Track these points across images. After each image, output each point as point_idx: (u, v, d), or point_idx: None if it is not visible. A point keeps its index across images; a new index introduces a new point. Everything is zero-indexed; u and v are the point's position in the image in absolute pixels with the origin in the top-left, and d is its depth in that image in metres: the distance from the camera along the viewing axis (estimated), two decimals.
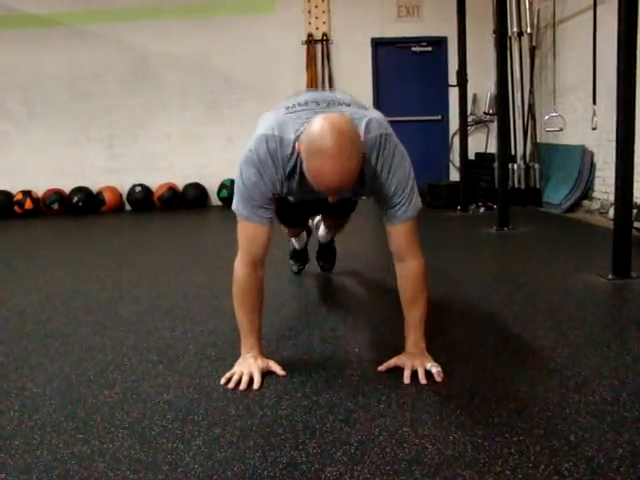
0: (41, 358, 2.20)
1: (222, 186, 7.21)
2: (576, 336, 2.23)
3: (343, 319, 2.57)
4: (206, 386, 1.88)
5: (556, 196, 6.00)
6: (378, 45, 7.35)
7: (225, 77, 7.34)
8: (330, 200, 1.70)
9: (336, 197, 1.69)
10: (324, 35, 7.27)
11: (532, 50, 6.55)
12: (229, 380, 1.88)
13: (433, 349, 1.96)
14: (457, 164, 6.84)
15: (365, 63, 7.32)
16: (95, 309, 2.87)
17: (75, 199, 7.17)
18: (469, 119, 6.66)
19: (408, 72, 7.39)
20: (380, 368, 1.92)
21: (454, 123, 6.96)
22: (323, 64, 7.28)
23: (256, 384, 1.84)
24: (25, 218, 7.06)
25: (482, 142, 7.25)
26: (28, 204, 7.12)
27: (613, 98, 3.04)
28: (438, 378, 1.83)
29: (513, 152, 6.47)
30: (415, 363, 1.87)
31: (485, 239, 4.61)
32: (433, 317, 2.07)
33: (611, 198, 4.97)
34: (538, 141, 6.60)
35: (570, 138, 6.01)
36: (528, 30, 6.48)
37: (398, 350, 1.95)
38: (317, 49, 7.28)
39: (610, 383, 1.79)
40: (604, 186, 5.48)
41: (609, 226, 3.80)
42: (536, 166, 6.35)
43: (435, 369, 1.85)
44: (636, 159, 3.08)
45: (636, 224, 3.95)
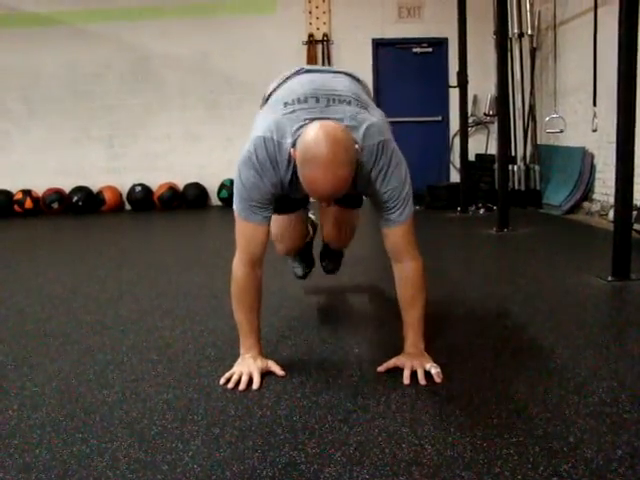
0: (40, 357, 2.20)
1: (222, 186, 7.22)
2: (575, 337, 2.23)
3: (342, 319, 2.57)
4: (205, 386, 1.88)
5: (556, 198, 6.01)
6: (379, 46, 7.36)
7: (225, 77, 7.34)
8: (324, 206, 1.71)
9: (330, 204, 1.69)
10: (325, 35, 7.27)
11: (533, 52, 6.55)
12: (228, 380, 1.87)
13: (432, 350, 1.96)
14: (457, 165, 6.84)
15: (366, 64, 7.32)
16: (95, 308, 2.87)
17: (75, 199, 7.18)
18: (469, 120, 6.67)
19: (409, 73, 7.39)
20: (379, 369, 1.92)
21: (454, 124, 6.96)
22: (324, 64, 7.27)
23: (255, 384, 1.84)
24: (25, 217, 7.06)
25: (482, 143, 7.25)
26: (28, 203, 7.13)
27: (613, 100, 3.04)
28: (437, 379, 1.83)
29: (513, 153, 6.47)
30: (414, 364, 1.86)
31: (485, 240, 4.61)
32: (432, 318, 2.08)
33: (611, 200, 4.97)
34: (538, 142, 6.60)
35: (570, 140, 6.02)
36: (529, 31, 6.49)
37: (397, 351, 1.95)
38: (318, 49, 7.28)
39: (609, 384, 1.79)
40: (604, 188, 5.49)
41: (609, 228, 3.80)
42: (536, 167, 6.35)
43: (434, 370, 1.85)
44: (636, 161, 3.08)
45: (636, 226, 3.95)
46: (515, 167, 6.34)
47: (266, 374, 1.91)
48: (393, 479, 1.33)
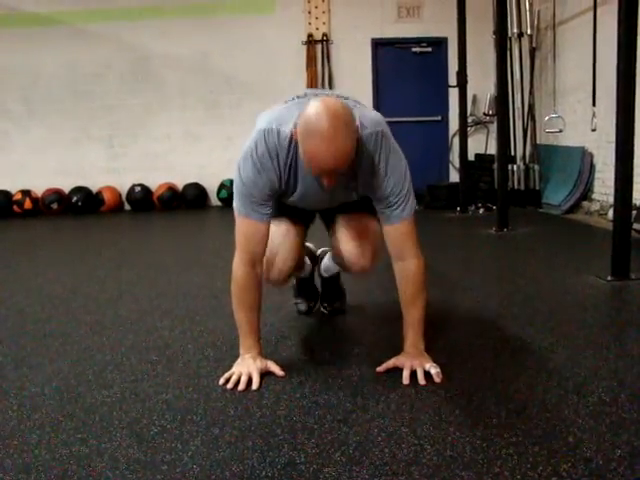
0: (40, 358, 2.20)
1: (222, 186, 7.22)
2: (575, 337, 2.23)
3: (342, 319, 2.57)
4: (205, 386, 1.88)
5: (556, 197, 6.01)
6: (378, 45, 7.35)
7: (225, 77, 7.34)
8: (326, 184, 1.69)
9: (331, 181, 1.68)
10: (324, 35, 7.27)
11: (532, 51, 6.55)
12: (228, 380, 1.87)
13: (432, 350, 1.96)
14: (457, 165, 6.84)
15: (365, 63, 7.32)
16: (94, 309, 2.87)
17: (74, 199, 7.17)
18: (469, 120, 6.67)
19: (408, 73, 7.38)
20: (379, 369, 1.92)
21: (454, 124, 6.96)
22: (323, 64, 7.28)
23: (255, 384, 1.84)
24: (24, 218, 7.05)
25: (482, 143, 7.25)
26: (27, 204, 7.12)
27: (613, 99, 3.04)
28: (437, 379, 1.83)
29: (513, 153, 6.47)
30: (414, 364, 1.86)
31: (484, 240, 4.61)
32: (432, 318, 2.08)
33: (610, 199, 4.97)
34: (538, 142, 6.60)
35: (570, 139, 6.02)
36: (528, 31, 6.48)
37: (397, 351, 1.95)
38: (317, 49, 7.28)
39: (609, 384, 1.79)
40: (603, 187, 5.49)
41: (608, 227, 3.80)
42: (536, 167, 6.36)
43: (434, 370, 1.85)
44: (635, 160, 3.08)
45: (635, 225, 3.95)
46: (514, 167, 6.34)
47: (265, 374, 1.91)
48: (393, 479, 1.33)
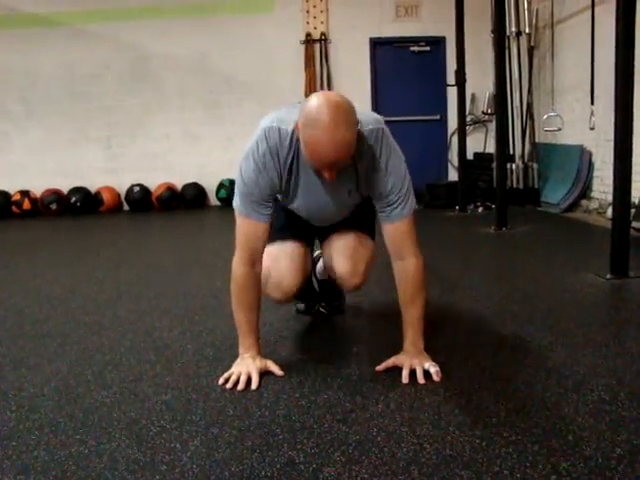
0: (39, 358, 2.19)
1: (221, 186, 7.21)
2: (574, 335, 2.23)
3: (341, 319, 2.56)
4: (204, 386, 1.88)
5: (554, 196, 6.01)
6: (376, 45, 7.35)
7: (224, 77, 7.33)
8: (327, 177, 1.68)
9: (332, 175, 1.68)
10: (322, 35, 7.26)
11: (530, 50, 6.55)
12: (227, 380, 1.87)
13: (431, 349, 1.96)
14: (455, 164, 6.83)
15: (363, 63, 7.32)
16: (93, 309, 2.87)
17: (73, 199, 7.17)
18: (467, 119, 6.66)
19: (406, 72, 7.38)
20: (378, 368, 1.92)
21: (452, 123, 6.96)
22: (321, 64, 7.27)
23: (254, 384, 1.84)
24: (23, 218, 7.05)
25: (480, 142, 7.24)
26: (26, 204, 7.12)
27: (611, 98, 3.04)
28: (436, 378, 1.83)
29: (511, 152, 6.47)
30: (413, 363, 1.86)
31: (483, 239, 4.61)
32: (431, 317, 2.08)
33: (609, 198, 4.97)
34: (536, 141, 6.60)
35: (568, 138, 6.02)
36: (526, 30, 6.48)
37: (396, 350, 1.95)
38: (315, 49, 7.27)
39: (608, 382, 1.79)
40: (602, 186, 5.49)
41: (607, 226, 3.80)
42: (534, 166, 6.36)
43: (433, 369, 1.85)
44: (634, 159, 3.08)
45: (634, 224, 3.95)
46: (513, 165, 6.34)
47: (265, 374, 1.91)
48: (392, 478, 1.33)
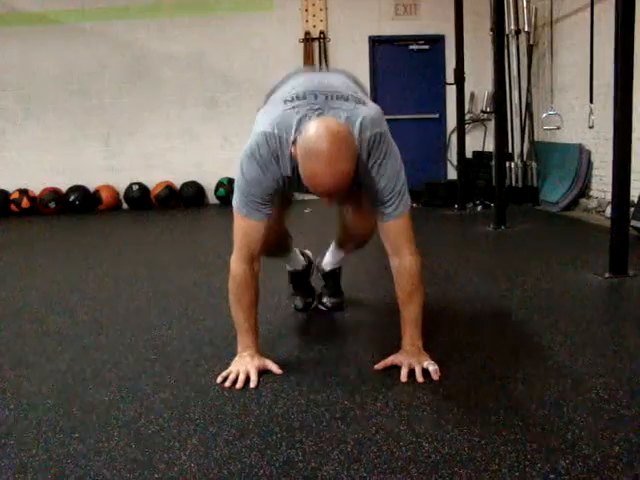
0: (37, 357, 2.19)
1: (219, 184, 7.20)
2: (573, 334, 2.23)
3: (340, 317, 2.56)
4: (202, 385, 1.88)
5: (553, 194, 6.01)
6: (375, 43, 7.34)
7: (223, 75, 7.32)
8: (325, 204, 1.70)
9: (331, 201, 1.69)
10: (321, 33, 7.25)
11: (529, 48, 6.54)
12: (225, 379, 1.87)
13: (430, 347, 1.96)
14: (454, 162, 6.83)
15: (362, 61, 7.30)
16: (92, 307, 2.86)
17: (72, 198, 7.15)
18: (466, 117, 6.65)
19: (405, 70, 7.37)
20: (377, 366, 1.92)
21: (451, 121, 6.95)
22: (320, 62, 7.25)
23: (252, 383, 1.83)
24: (22, 217, 7.03)
25: (479, 140, 7.24)
26: (25, 203, 7.10)
27: (610, 96, 3.04)
28: (435, 376, 1.83)
29: (510, 150, 6.46)
30: (412, 361, 1.86)
31: (482, 237, 4.61)
32: (430, 315, 2.07)
33: (608, 196, 4.97)
34: (535, 139, 6.60)
35: (567, 137, 6.01)
36: (526, 28, 6.47)
37: (395, 348, 1.95)
38: (314, 47, 7.26)
39: (607, 381, 1.79)
40: (601, 184, 5.48)
41: (606, 224, 3.80)
42: (533, 164, 6.35)
43: (432, 367, 1.84)
44: (633, 157, 3.08)
45: (633, 222, 3.95)
46: (512, 164, 6.33)
47: (263, 372, 1.90)
48: (391, 477, 1.33)
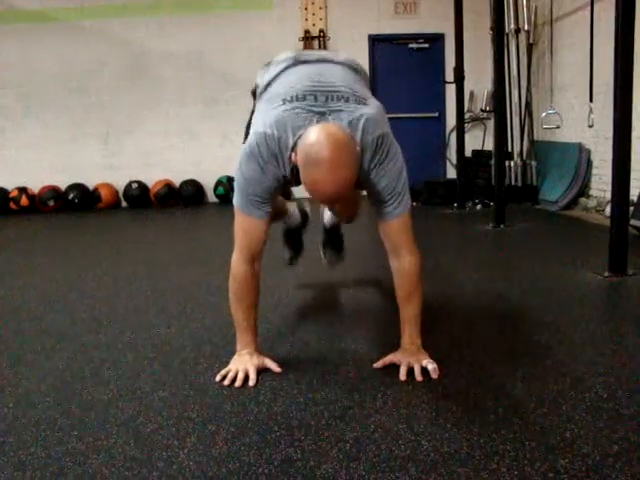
0: (36, 355, 2.19)
1: (218, 183, 7.19)
2: (572, 333, 2.23)
3: (339, 316, 2.56)
4: (201, 383, 1.87)
5: (553, 194, 6.01)
6: (375, 41, 7.34)
7: (222, 73, 7.31)
8: (327, 208, 1.68)
9: (332, 207, 1.67)
10: (321, 31, 7.25)
11: (529, 47, 6.54)
12: (224, 377, 1.87)
13: (429, 346, 1.96)
14: (454, 161, 6.83)
15: (362, 60, 7.23)
16: (91, 306, 2.86)
17: (71, 196, 7.15)
18: (466, 116, 6.65)
19: (405, 69, 7.37)
20: (376, 365, 1.92)
21: (451, 120, 6.95)
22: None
23: (251, 381, 1.83)
24: (21, 215, 7.03)
25: (479, 139, 7.24)
26: (24, 201, 7.10)
27: (610, 95, 3.04)
28: (434, 375, 1.83)
29: (510, 149, 6.47)
30: (411, 360, 1.86)
31: (482, 236, 4.61)
32: (429, 314, 2.07)
33: (608, 196, 4.97)
34: (535, 138, 6.60)
35: (567, 135, 6.01)
36: (525, 27, 6.47)
37: (394, 347, 1.95)
38: (314, 45, 7.25)
39: (606, 380, 1.79)
40: (601, 184, 5.48)
41: (605, 223, 3.80)
42: (533, 163, 6.35)
43: (431, 366, 1.84)
44: (633, 156, 3.08)
45: (632, 222, 3.95)
46: (512, 163, 6.33)
47: (262, 371, 1.90)
48: (389, 475, 1.33)
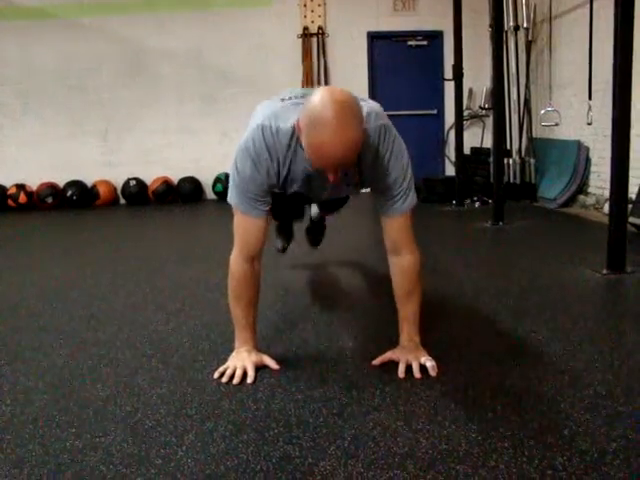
0: (34, 352, 2.19)
1: (217, 180, 7.19)
2: (570, 330, 2.23)
3: (338, 313, 2.56)
4: (200, 380, 1.87)
5: (551, 191, 6.01)
6: (374, 39, 7.33)
7: (221, 71, 7.31)
8: (331, 180, 1.60)
9: (337, 176, 1.61)
10: (320, 28, 7.24)
11: (528, 44, 6.54)
12: (223, 374, 1.87)
13: (427, 343, 1.96)
14: (453, 158, 6.83)
15: (361, 57, 7.30)
16: (89, 303, 2.86)
17: (69, 193, 7.14)
18: (465, 113, 6.65)
19: (404, 66, 7.37)
20: (374, 362, 1.92)
21: (450, 117, 6.95)
22: (319, 58, 7.25)
23: (250, 378, 1.83)
24: (19, 212, 7.02)
25: (478, 137, 7.24)
26: (22, 198, 7.09)
27: (609, 93, 3.04)
28: (432, 372, 1.83)
29: (509, 147, 6.47)
30: (409, 357, 1.86)
31: (480, 233, 4.61)
32: (427, 311, 2.07)
33: (606, 193, 4.98)
34: (534, 136, 6.59)
35: (566, 133, 6.01)
36: (524, 24, 6.46)
37: (393, 344, 1.95)
38: (313, 42, 7.25)
39: (604, 377, 1.79)
40: (599, 181, 5.49)
41: (604, 221, 3.80)
42: (531, 161, 6.35)
43: (429, 363, 1.84)
44: (632, 154, 3.08)
45: (631, 219, 3.95)
46: (510, 160, 6.33)
47: (260, 368, 1.90)
48: (388, 472, 1.33)
